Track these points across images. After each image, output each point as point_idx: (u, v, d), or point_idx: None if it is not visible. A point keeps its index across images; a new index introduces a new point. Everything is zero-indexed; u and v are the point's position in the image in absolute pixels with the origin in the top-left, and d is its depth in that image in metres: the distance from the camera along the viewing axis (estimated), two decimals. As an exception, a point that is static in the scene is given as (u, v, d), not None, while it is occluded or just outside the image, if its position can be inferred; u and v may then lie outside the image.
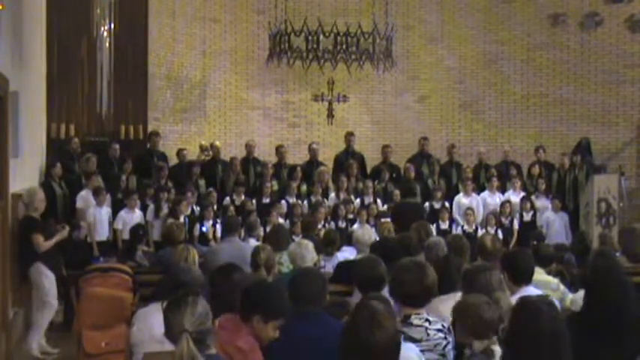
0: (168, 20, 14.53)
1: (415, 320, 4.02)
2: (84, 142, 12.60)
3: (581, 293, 4.76)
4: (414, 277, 4.14)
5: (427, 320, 4.04)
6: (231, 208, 11.51)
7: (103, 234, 10.79)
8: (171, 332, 3.18)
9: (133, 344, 4.61)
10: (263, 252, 6.23)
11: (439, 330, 4.03)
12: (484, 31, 15.48)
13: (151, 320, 4.62)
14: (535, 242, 8.62)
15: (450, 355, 4.01)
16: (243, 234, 9.06)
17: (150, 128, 13.60)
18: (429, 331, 4.00)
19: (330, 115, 13.83)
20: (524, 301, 3.36)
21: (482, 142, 15.12)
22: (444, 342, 4.00)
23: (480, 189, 13.05)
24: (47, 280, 8.26)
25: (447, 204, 12.45)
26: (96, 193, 10.80)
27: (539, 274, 5.71)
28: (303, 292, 4.15)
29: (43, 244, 8.25)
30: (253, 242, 8.11)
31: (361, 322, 3.00)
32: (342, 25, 12.50)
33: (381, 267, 5.09)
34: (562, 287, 5.96)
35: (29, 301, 8.84)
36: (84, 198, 10.94)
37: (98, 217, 10.74)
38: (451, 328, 4.09)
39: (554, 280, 6.05)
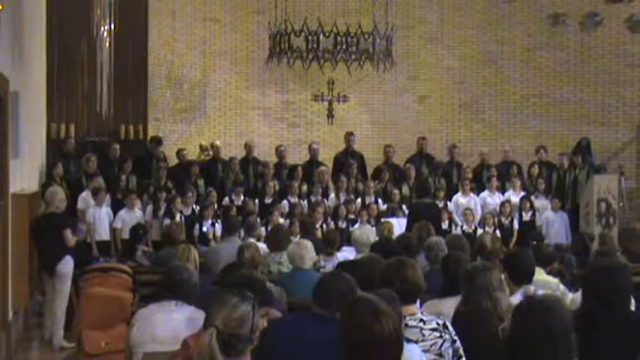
0: (168, 20, 14.53)
1: (410, 322, 4.02)
2: (84, 142, 12.60)
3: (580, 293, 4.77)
4: (402, 274, 4.17)
5: (421, 320, 4.04)
6: (234, 208, 11.51)
7: (102, 234, 10.79)
8: (204, 326, 3.15)
9: (133, 345, 4.61)
10: (247, 250, 6.21)
11: (434, 329, 4.02)
12: (484, 31, 15.47)
13: (151, 321, 4.62)
14: (534, 242, 8.62)
15: (449, 352, 4.00)
16: (243, 234, 9.07)
17: (150, 128, 13.61)
18: (424, 332, 4.00)
19: (330, 115, 13.83)
20: (532, 299, 3.35)
21: (482, 142, 15.12)
22: (440, 341, 3.99)
23: (482, 189, 13.06)
24: (70, 271, 8.55)
25: (448, 204, 12.47)
26: (95, 193, 10.81)
27: (539, 274, 5.72)
28: (327, 295, 4.09)
29: (72, 239, 8.69)
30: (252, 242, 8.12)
31: (362, 312, 2.99)
32: (342, 25, 12.50)
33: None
34: (562, 287, 5.96)
35: (30, 299, 8.90)
36: (85, 199, 10.95)
37: (97, 217, 10.74)
38: (447, 323, 4.08)
39: (554, 280, 6.06)
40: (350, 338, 2.99)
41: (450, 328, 4.06)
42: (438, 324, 4.05)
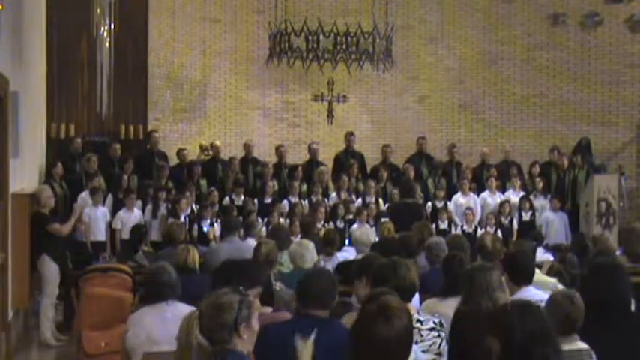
0: (168, 20, 14.52)
1: (407, 322, 4.02)
2: (84, 142, 12.61)
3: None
4: (398, 273, 4.18)
5: (419, 321, 4.03)
6: (234, 208, 11.50)
7: (98, 234, 10.76)
8: None
9: (130, 349, 4.61)
10: (264, 246, 6.24)
11: (431, 329, 4.01)
12: (484, 31, 15.47)
13: (145, 323, 4.63)
14: (534, 242, 8.62)
15: (445, 349, 4.00)
16: (242, 233, 9.08)
17: (150, 128, 13.59)
18: (422, 332, 3.99)
19: (330, 115, 13.81)
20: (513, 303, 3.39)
21: (482, 142, 15.12)
22: (439, 340, 3.99)
23: (482, 189, 13.06)
24: (49, 270, 8.66)
25: (448, 204, 12.48)
26: (92, 192, 10.81)
27: (537, 274, 5.72)
28: (312, 293, 4.10)
29: (62, 228, 8.83)
30: (252, 242, 8.11)
31: (375, 313, 2.98)
32: (342, 25, 12.49)
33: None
34: (560, 286, 5.96)
35: (30, 299, 8.91)
36: (84, 199, 10.95)
37: (93, 217, 10.72)
38: (442, 321, 4.08)
39: (552, 280, 6.06)
40: (361, 338, 2.98)
41: (445, 325, 4.07)
42: (435, 323, 4.04)
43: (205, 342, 3.05)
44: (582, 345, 3.79)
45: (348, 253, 8.37)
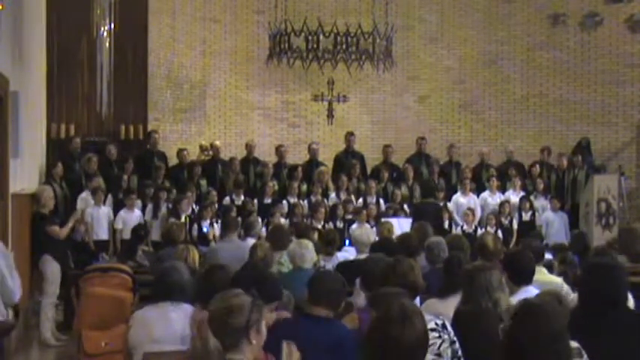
0: (168, 20, 14.52)
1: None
2: (84, 142, 12.62)
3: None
4: (399, 273, 4.17)
5: None
6: (234, 208, 11.50)
7: (101, 234, 10.78)
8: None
9: (132, 347, 4.61)
10: (260, 249, 6.25)
11: (432, 330, 3.99)
12: (484, 31, 15.47)
13: (148, 322, 4.62)
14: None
15: (448, 352, 3.98)
16: (242, 233, 9.08)
17: (150, 128, 13.60)
18: None
19: (330, 115, 13.80)
20: (527, 302, 3.38)
21: (482, 142, 15.12)
22: (439, 341, 3.96)
23: (482, 189, 13.06)
24: (51, 270, 8.71)
25: (448, 204, 12.48)
26: (93, 193, 10.83)
27: (543, 274, 5.73)
28: (318, 292, 4.10)
29: (60, 231, 8.86)
30: (251, 241, 8.11)
31: (396, 315, 2.97)
32: (342, 25, 12.49)
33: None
34: (566, 287, 5.96)
35: (30, 299, 8.92)
36: (84, 199, 10.97)
37: (96, 217, 10.74)
38: (446, 323, 4.07)
39: (557, 280, 6.06)
40: (380, 340, 2.96)
41: (449, 328, 4.04)
42: (436, 324, 4.02)
43: (221, 347, 3.00)
44: (572, 344, 3.79)
45: (348, 253, 8.37)
